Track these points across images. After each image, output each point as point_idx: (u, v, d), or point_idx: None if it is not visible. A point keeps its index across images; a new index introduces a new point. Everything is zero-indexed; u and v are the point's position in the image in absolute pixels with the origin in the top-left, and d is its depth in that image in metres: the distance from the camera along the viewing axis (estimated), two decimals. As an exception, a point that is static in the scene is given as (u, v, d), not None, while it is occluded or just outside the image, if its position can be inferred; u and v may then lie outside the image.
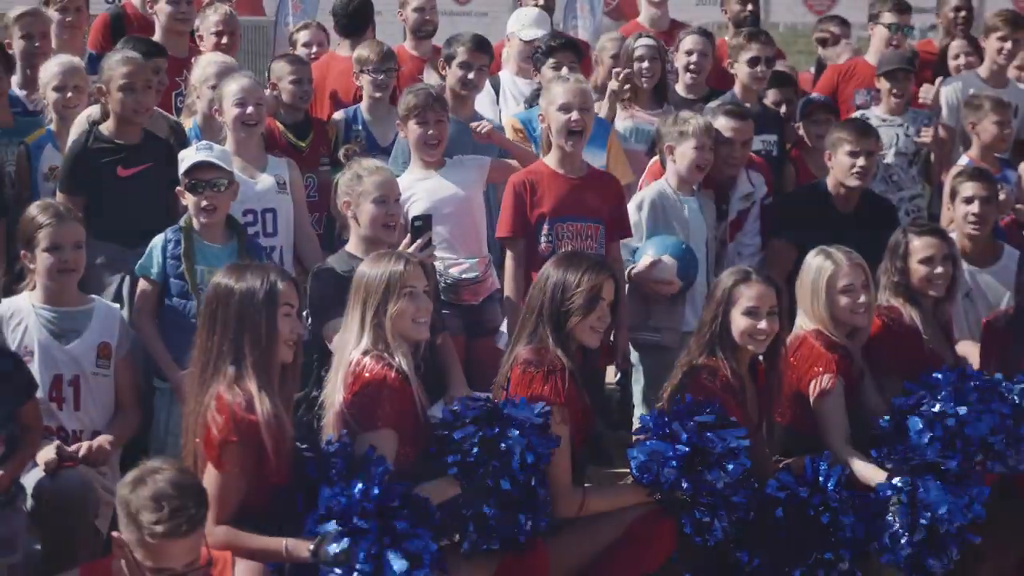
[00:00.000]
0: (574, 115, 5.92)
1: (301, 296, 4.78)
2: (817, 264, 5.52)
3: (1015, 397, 5.16)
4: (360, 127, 7.19)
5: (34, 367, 5.06)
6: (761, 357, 5.30)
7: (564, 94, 5.96)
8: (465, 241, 6.15)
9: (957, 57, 8.57)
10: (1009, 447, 5.08)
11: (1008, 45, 7.96)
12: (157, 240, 5.62)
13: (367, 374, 4.67)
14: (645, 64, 7.19)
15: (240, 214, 5.93)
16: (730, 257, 6.72)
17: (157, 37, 7.41)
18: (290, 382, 4.64)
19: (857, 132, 6.58)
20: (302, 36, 8.53)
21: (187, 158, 5.60)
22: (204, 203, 5.54)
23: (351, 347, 4.75)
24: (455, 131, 6.39)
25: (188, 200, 5.59)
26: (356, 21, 8.32)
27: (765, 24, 19.18)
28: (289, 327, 4.55)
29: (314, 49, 8.32)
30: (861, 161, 6.51)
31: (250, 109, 6.14)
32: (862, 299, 5.47)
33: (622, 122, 7.20)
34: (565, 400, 4.86)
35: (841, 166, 6.55)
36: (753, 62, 7.32)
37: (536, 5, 8.33)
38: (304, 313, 5.20)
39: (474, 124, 6.55)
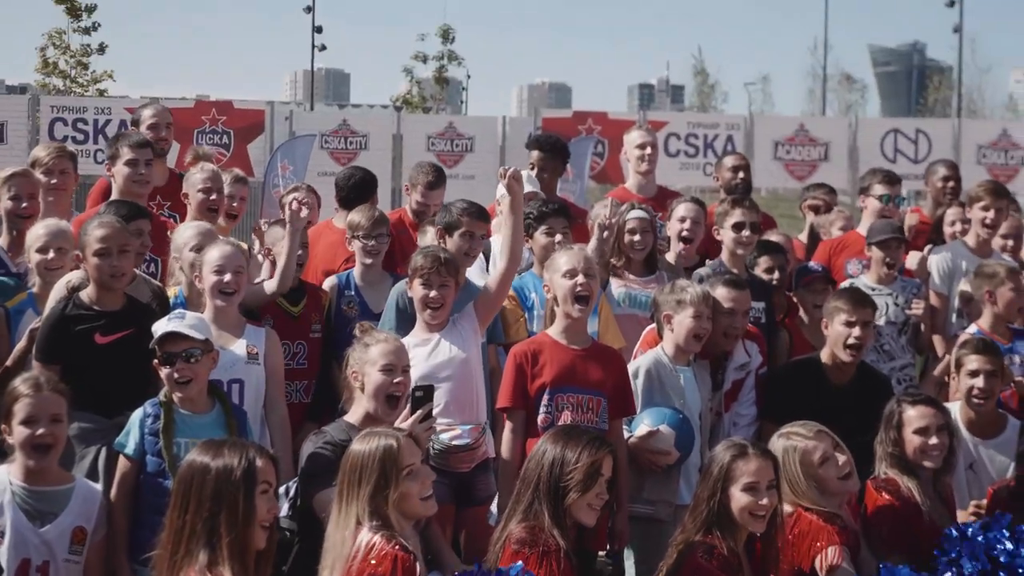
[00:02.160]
0: (580, 279, 5.91)
1: (279, 474, 4.64)
2: (782, 447, 5.38)
3: None
4: (353, 293, 7.16)
5: (3, 550, 4.88)
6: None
7: (569, 261, 5.97)
8: (461, 406, 6.05)
9: (953, 224, 8.66)
10: None
11: (991, 214, 8.02)
12: (136, 414, 5.49)
13: (376, 559, 4.48)
14: (637, 237, 7.21)
15: (205, 383, 5.83)
16: (726, 428, 6.65)
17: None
18: (263, 568, 4.47)
19: (854, 302, 6.56)
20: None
21: (159, 329, 5.49)
22: (177, 375, 5.42)
23: (351, 531, 4.56)
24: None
25: (162, 373, 5.47)
26: (357, 194, 8.35)
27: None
28: (266, 507, 4.41)
29: (305, 212, 8.30)
30: (857, 331, 6.47)
31: (228, 277, 6.09)
32: (842, 460, 5.37)
33: (615, 289, 7.17)
34: None
35: (837, 336, 6.51)
36: (737, 227, 7.34)
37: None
38: (284, 488, 5.06)
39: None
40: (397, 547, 4.49)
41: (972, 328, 7.31)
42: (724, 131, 20.36)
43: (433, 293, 6.09)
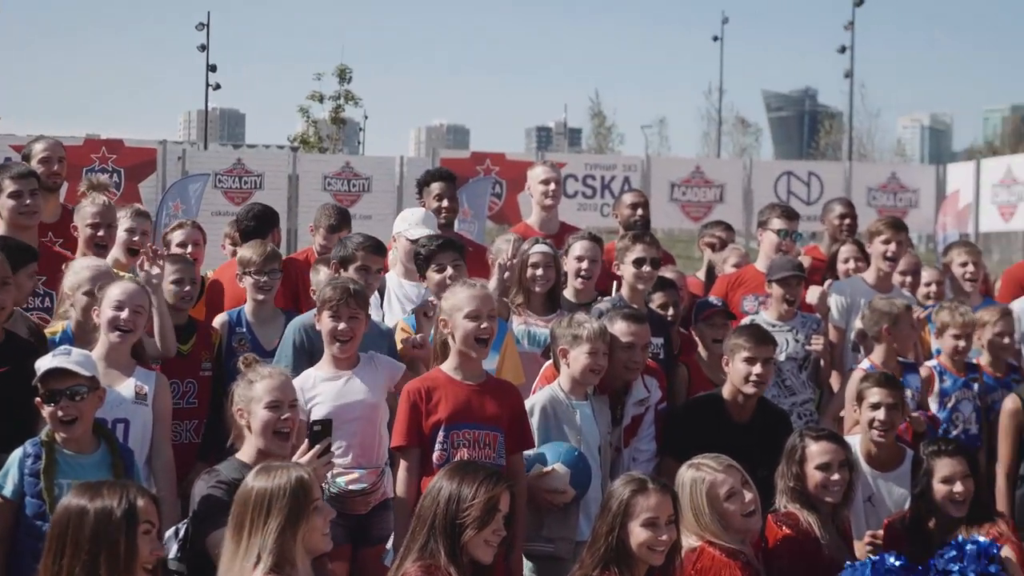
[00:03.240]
0: (483, 323, 5.79)
1: (162, 514, 4.46)
2: (691, 478, 5.35)
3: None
4: (244, 330, 7.02)
5: None
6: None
7: (471, 301, 5.79)
8: (364, 449, 5.95)
9: (847, 261, 8.75)
10: None
11: (892, 248, 8.08)
12: (15, 454, 5.24)
13: None
14: (540, 271, 7.16)
15: (90, 422, 5.60)
16: (625, 463, 6.57)
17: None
18: None
19: (755, 339, 6.54)
20: (176, 236, 8.37)
21: (42, 365, 5.26)
22: (62, 414, 5.18)
23: (248, 571, 4.35)
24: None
25: (44, 411, 5.23)
26: (258, 224, 8.22)
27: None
28: (149, 548, 4.23)
29: (189, 249, 8.14)
30: (758, 368, 6.46)
31: (125, 314, 5.91)
32: (748, 498, 5.32)
33: (516, 326, 7.09)
34: None
35: (738, 373, 6.50)
36: (638, 263, 7.29)
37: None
38: (173, 530, 4.86)
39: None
40: None
41: (865, 363, 7.35)
42: (621, 172, 20.52)
43: (342, 326, 5.96)
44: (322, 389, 5.91)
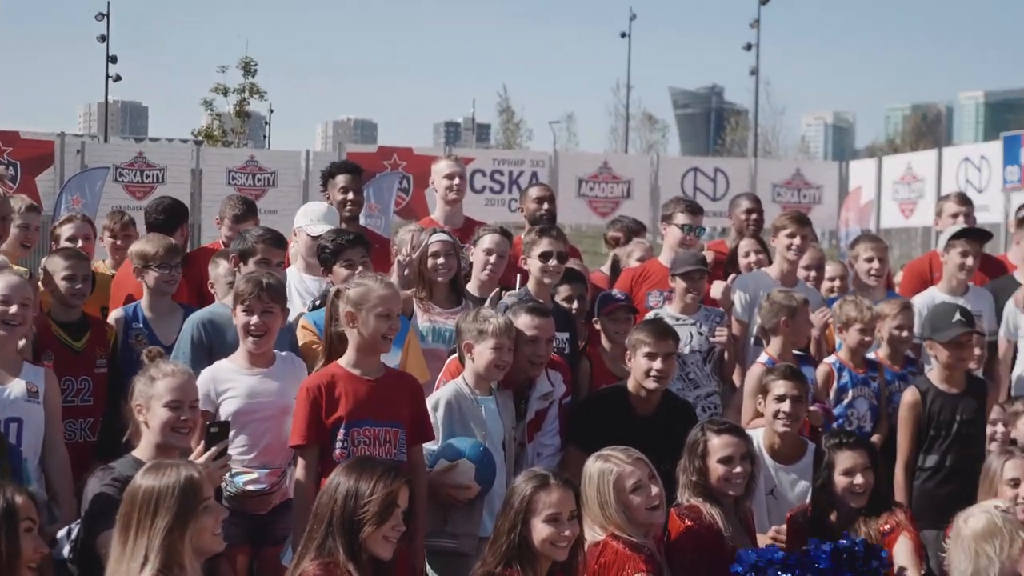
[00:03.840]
0: (394, 323, 5.71)
1: (41, 511, 4.37)
2: (598, 469, 5.33)
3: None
4: (141, 325, 6.86)
5: None
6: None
7: (384, 301, 5.66)
8: (267, 450, 5.84)
9: (747, 255, 8.80)
10: None
11: (796, 241, 8.14)
12: None
13: None
14: (440, 260, 7.08)
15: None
16: (529, 458, 6.54)
17: None
18: None
19: (656, 334, 6.54)
20: (65, 230, 8.23)
21: None
22: None
23: (135, 572, 4.24)
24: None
25: None
26: (167, 217, 8.08)
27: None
28: (32, 546, 4.12)
29: (80, 243, 7.97)
30: (659, 364, 6.47)
31: (13, 308, 5.75)
32: (654, 491, 5.31)
33: (420, 323, 7.01)
34: None
35: (639, 368, 6.50)
36: (544, 256, 7.27)
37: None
38: (66, 530, 4.74)
39: None
40: None
41: (763, 357, 7.39)
42: (529, 168, 20.54)
43: (255, 320, 5.86)
44: (236, 383, 5.81)
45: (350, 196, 8.75)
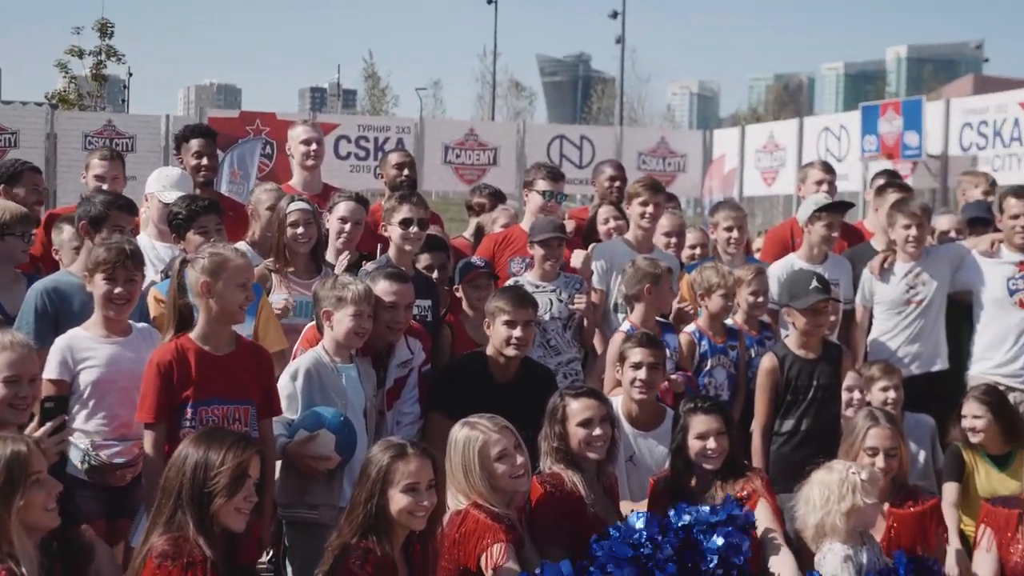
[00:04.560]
0: (249, 294, 5.57)
1: None
2: (464, 436, 5.31)
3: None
4: (-18, 292, 6.58)
5: None
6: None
7: (241, 270, 5.53)
8: (128, 421, 5.65)
9: (606, 222, 8.81)
10: None
11: (650, 209, 8.16)
12: None
13: None
14: (300, 229, 6.96)
15: None
16: (388, 427, 6.46)
17: None
18: None
19: (515, 302, 6.50)
20: None
21: None
22: None
23: None
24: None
25: None
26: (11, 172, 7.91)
27: (418, 191, 19.53)
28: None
29: None
30: (518, 332, 6.45)
31: None
32: (519, 461, 5.28)
33: (279, 293, 6.87)
34: None
35: (499, 336, 6.47)
36: (405, 223, 7.18)
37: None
38: None
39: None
40: (3, 572, 4.10)
41: (625, 324, 7.41)
42: (395, 134, 20.39)
43: (118, 289, 5.69)
44: (95, 352, 5.64)
45: (204, 161, 8.56)
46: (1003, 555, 5.53)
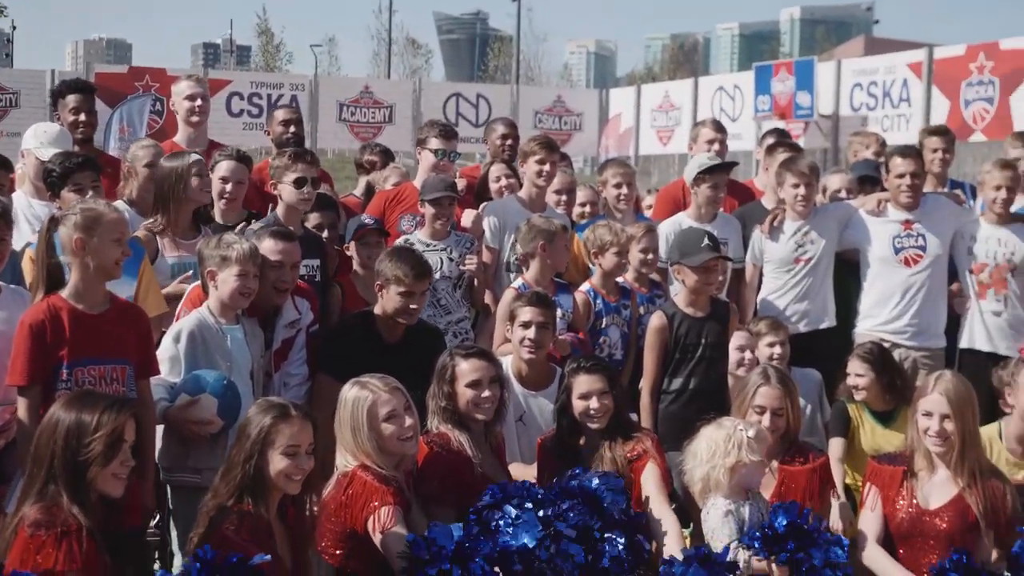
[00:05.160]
0: (125, 249, 5.43)
1: None
2: (354, 395, 5.24)
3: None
4: None
5: None
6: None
7: (117, 225, 5.39)
8: (1, 384, 5.44)
9: (498, 180, 8.75)
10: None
11: (546, 168, 8.11)
12: None
13: None
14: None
15: None
16: (276, 388, 6.37)
17: None
18: None
19: (414, 274, 6.42)
20: None
21: None
22: None
23: None
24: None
25: None
26: None
27: (313, 149, 19.35)
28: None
29: None
30: (414, 304, 6.42)
31: None
32: (408, 423, 5.23)
33: (168, 257, 6.74)
34: (83, 565, 4.23)
35: (392, 303, 6.41)
36: (299, 183, 7.04)
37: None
38: None
39: None
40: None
41: (518, 282, 7.37)
42: (288, 91, 20.19)
43: None
44: None
45: (82, 117, 8.33)
46: (887, 511, 5.60)
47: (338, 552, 5.13)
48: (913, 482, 5.61)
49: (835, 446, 7.08)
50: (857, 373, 7.18)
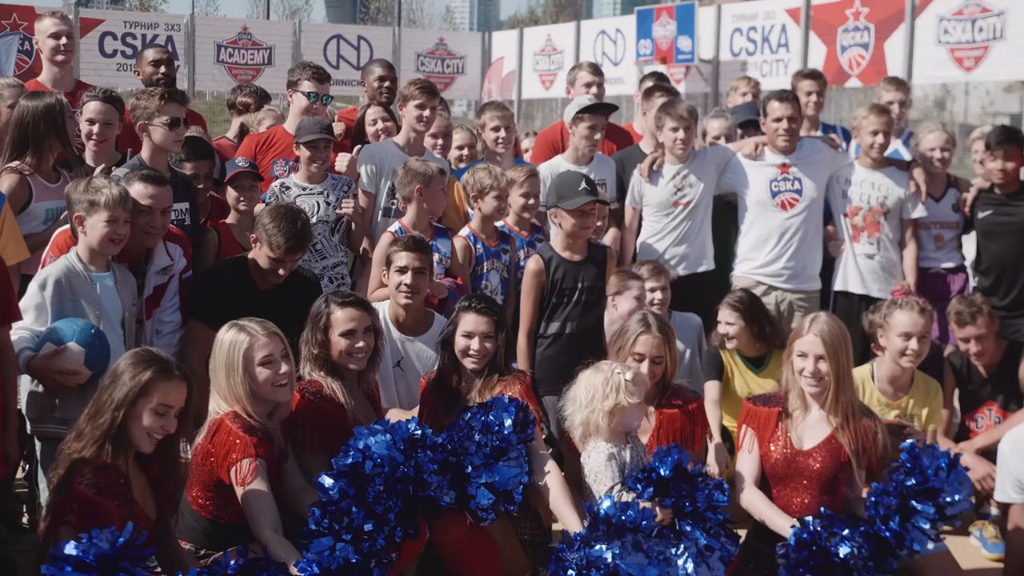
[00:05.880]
0: None
1: None
2: (231, 338, 5.16)
3: None
4: None
5: None
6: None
7: None
8: None
9: (375, 123, 8.62)
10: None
11: (426, 113, 8.00)
12: None
13: None
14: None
15: None
16: (148, 336, 6.22)
17: None
18: None
19: (284, 238, 6.28)
20: None
21: None
22: None
23: None
24: None
25: None
26: None
27: (191, 91, 18.97)
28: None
29: None
30: (283, 270, 6.31)
31: None
32: (283, 370, 5.14)
33: (40, 201, 6.51)
34: None
35: (262, 260, 6.34)
36: (173, 124, 6.84)
37: None
38: None
39: None
40: None
41: (395, 225, 7.27)
42: (164, 32, 19.69)
43: None
44: None
45: None
46: (763, 452, 5.67)
47: (208, 503, 5.05)
48: (787, 423, 5.69)
49: (711, 389, 7.17)
50: (727, 321, 7.25)
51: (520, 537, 5.47)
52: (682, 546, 5.02)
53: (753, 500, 5.54)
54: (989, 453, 6.81)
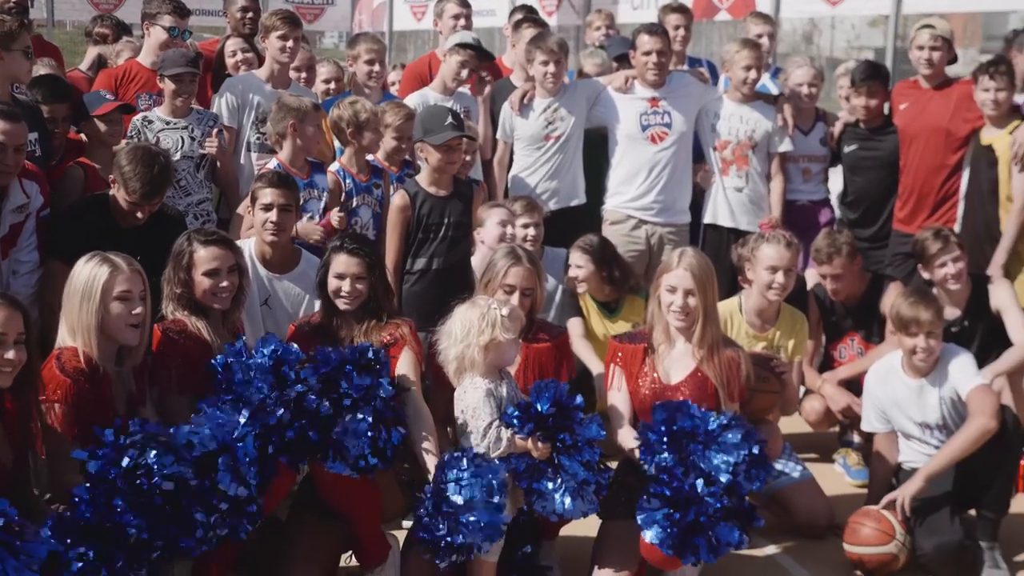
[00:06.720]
0: None
1: None
2: (92, 267, 5.00)
3: None
4: None
5: None
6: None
7: None
8: None
9: (234, 55, 8.42)
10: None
11: (289, 44, 7.84)
12: None
13: None
14: None
15: None
16: (4, 276, 6.03)
17: None
18: None
19: (140, 183, 6.09)
20: None
21: None
22: None
23: None
24: None
25: None
26: None
27: (50, 20, 18.34)
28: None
29: None
30: (140, 214, 6.14)
31: None
32: (138, 310, 5.02)
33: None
34: None
35: (120, 201, 6.17)
36: (26, 54, 6.58)
37: None
38: None
39: None
40: None
41: (272, 162, 7.11)
42: (20, -40, 18.91)
43: None
44: None
45: None
46: (631, 388, 5.69)
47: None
48: (654, 357, 5.71)
49: (574, 324, 7.17)
50: (577, 264, 7.24)
51: (398, 478, 5.44)
52: (559, 480, 5.04)
53: (629, 440, 5.56)
54: (852, 384, 6.99)
